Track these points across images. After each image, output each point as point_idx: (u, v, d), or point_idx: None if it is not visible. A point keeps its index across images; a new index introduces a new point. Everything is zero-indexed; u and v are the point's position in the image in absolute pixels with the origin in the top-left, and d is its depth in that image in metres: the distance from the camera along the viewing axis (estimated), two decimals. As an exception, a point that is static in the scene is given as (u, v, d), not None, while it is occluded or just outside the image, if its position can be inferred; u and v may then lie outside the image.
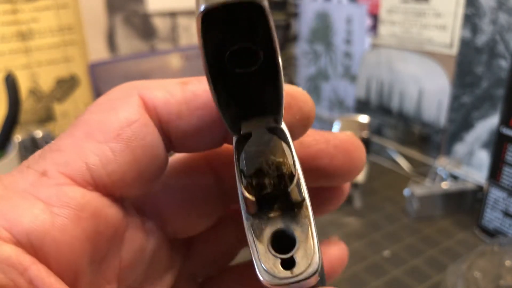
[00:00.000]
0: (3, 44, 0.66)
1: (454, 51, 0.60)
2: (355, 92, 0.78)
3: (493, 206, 0.50)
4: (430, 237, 0.52)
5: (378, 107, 0.74)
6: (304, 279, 0.13)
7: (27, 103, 0.70)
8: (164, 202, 0.17)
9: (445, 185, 0.57)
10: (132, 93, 0.15)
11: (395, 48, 0.68)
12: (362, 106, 0.77)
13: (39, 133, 0.64)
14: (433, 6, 0.61)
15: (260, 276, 0.13)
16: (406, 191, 0.57)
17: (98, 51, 0.75)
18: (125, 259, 0.15)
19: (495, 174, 0.49)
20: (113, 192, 0.14)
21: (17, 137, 0.59)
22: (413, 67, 0.66)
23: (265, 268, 0.13)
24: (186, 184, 0.18)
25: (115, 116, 0.14)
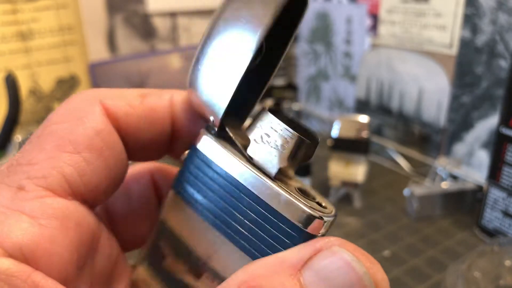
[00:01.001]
0: (3, 44, 0.66)
1: (454, 51, 0.60)
2: (355, 92, 0.78)
3: (493, 206, 0.50)
4: (430, 237, 0.52)
5: (378, 107, 0.74)
6: (336, 216, 0.15)
7: (27, 103, 0.70)
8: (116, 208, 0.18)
9: (445, 185, 0.57)
10: (94, 102, 0.15)
11: (395, 48, 0.68)
12: (362, 106, 0.77)
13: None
14: (433, 6, 0.61)
15: (313, 213, 0.14)
16: (406, 191, 0.57)
17: (98, 51, 0.75)
18: (99, 265, 0.16)
19: (495, 174, 0.49)
20: (88, 200, 0.15)
21: (17, 137, 0.59)
22: (413, 67, 0.66)
23: (312, 208, 0.14)
24: (130, 191, 0.19)
25: (82, 126, 0.14)
